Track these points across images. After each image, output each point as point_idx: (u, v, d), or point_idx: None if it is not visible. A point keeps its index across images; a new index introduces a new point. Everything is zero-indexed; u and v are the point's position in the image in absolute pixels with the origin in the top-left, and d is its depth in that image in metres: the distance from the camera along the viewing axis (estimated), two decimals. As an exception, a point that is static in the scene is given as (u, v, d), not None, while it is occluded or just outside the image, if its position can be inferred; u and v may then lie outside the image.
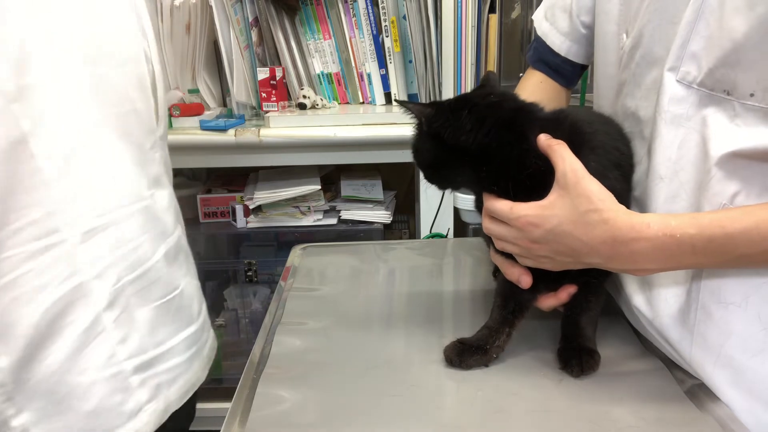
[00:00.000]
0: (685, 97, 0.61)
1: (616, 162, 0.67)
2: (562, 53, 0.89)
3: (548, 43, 0.89)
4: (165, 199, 0.83)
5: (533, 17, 0.94)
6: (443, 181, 0.72)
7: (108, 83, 0.73)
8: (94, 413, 0.70)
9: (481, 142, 0.64)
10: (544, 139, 0.64)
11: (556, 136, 0.65)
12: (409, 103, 0.67)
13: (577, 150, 0.64)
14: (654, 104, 0.64)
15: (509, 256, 0.70)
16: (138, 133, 0.78)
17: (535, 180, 0.64)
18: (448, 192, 0.76)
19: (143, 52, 0.80)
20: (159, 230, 0.80)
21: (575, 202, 0.60)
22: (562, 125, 0.67)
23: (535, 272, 0.68)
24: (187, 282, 0.87)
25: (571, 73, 0.91)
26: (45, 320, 0.65)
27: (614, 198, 0.61)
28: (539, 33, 0.91)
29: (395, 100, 0.68)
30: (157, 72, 0.84)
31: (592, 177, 0.61)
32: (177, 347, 0.81)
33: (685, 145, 0.62)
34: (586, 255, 0.62)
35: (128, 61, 0.77)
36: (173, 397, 0.79)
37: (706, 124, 0.60)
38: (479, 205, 0.71)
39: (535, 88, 0.92)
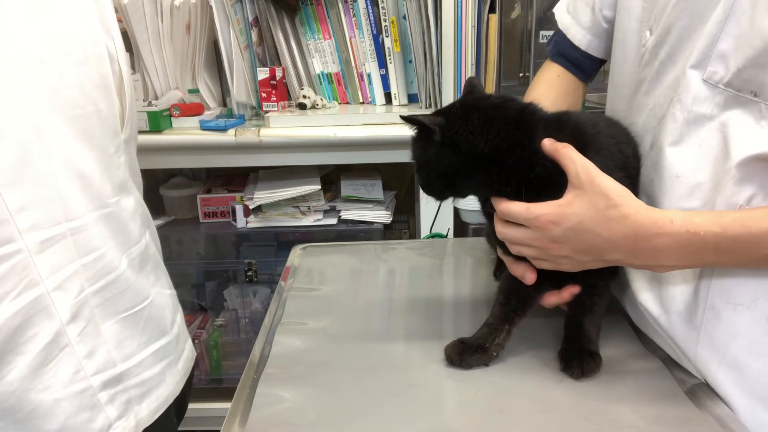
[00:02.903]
0: (709, 97, 0.61)
1: (620, 164, 0.67)
2: (583, 47, 0.88)
3: (569, 36, 0.89)
4: (131, 206, 0.79)
5: (554, 10, 0.93)
6: (452, 190, 0.70)
7: (66, 83, 0.69)
8: None
9: (493, 143, 0.64)
10: (549, 144, 0.64)
11: (559, 136, 0.65)
12: (418, 116, 0.66)
13: (582, 151, 0.64)
14: (676, 102, 0.64)
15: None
16: (101, 136, 0.73)
17: (545, 179, 0.64)
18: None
19: (106, 51, 0.76)
20: (124, 238, 0.76)
21: (593, 200, 0.60)
22: (565, 126, 0.67)
23: (541, 270, 0.68)
24: (157, 292, 0.83)
25: (590, 68, 0.91)
26: (2, 335, 0.62)
27: (632, 194, 0.61)
28: (560, 26, 0.91)
29: (401, 116, 0.67)
30: (125, 72, 0.79)
31: (605, 174, 0.61)
32: (147, 360, 0.78)
33: (706, 144, 0.62)
34: (608, 251, 0.62)
35: (88, 59, 0.72)
36: (144, 413, 0.76)
37: (730, 125, 0.59)
38: (487, 210, 0.70)
39: (552, 81, 0.92)
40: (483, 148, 0.64)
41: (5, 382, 0.63)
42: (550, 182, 0.63)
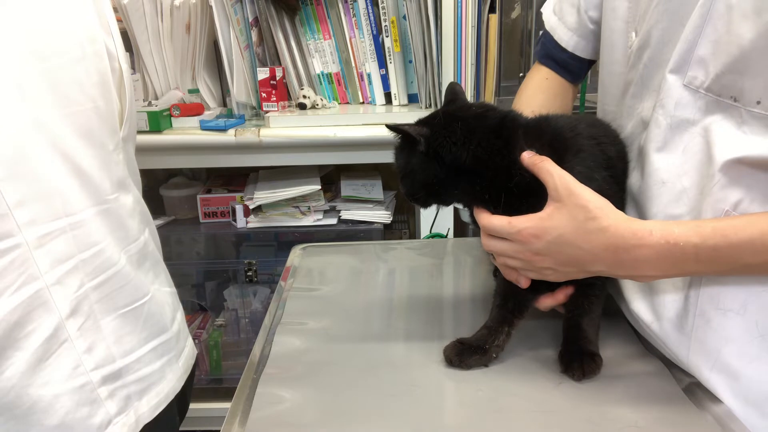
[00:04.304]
0: (691, 101, 0.61)
1: (602, 164, 0.67)
2: (569, 48, 0.88)
3: (556, 38, 0.89)
4: (129, 203, 0.80)
5: (542, 10, 0.93)
6: (436, 198, 0.71)
7: (64, 80, 0.69)
8: (60, 428, 0.66)
9: (475, 153, 0.64)
10: (527, 158, 0.64)
11: (538, 143, 0.65)
12: (403, 126, 0.66)
13: (561, 156, 0.64)
14: (658, 107, 0.64)
15: None
16: (99, 133, 0.74)
17: (525, 188, 0.64)
18: (433, 208, 0.74)
19: (105, 48, 0.76)
20: (123, 234, 0.76)
21: (573, 213, 0.60)
22: (544, 132, 0.67)
23: None
24: (156, 289, 0.83)
25: (578, 69, 0.90)
26: (1, 330, 0.62)
27: (611, 205, 0.61)
28: (547, 27, 0.90)
29: (387, 125, 0.66)
30: (124, 71, 0.80)
31: (584, 186, 0.61)
32: (146, 356, 0.78)
33: (690, 149, 0.62)
34: (589, 263, 0.62)
35: (86, 56, 0.72)
36: (144, 408, 0.77)
37: (712, 130, 0.59)
38: (475, 219, 0.71)
39: (540, 84, 0.91)
40: (465, 158, 0.65)
41: (4, 378, 0.63)
42: (531, 191, 0.63)
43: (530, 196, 0.64)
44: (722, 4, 0.56)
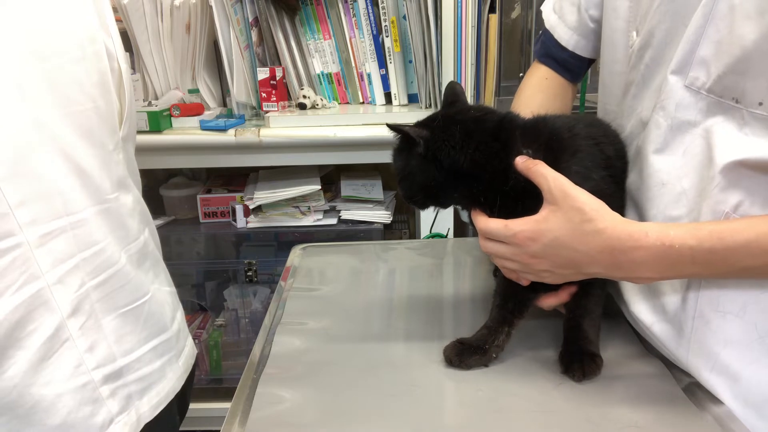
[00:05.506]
0: (692, 103, 0.60)
1: (600, 164, 0.67)
2: (570, 47, 0.87)
3: (555, 36, 0.88)
4: (129, 203, 0.80)
5: (541, 8, 0.92)
6: (434, 200, 0.71)
7: (64, 80, 0.69)
8: (62, 427, 0.66)
9: (473, 157, 0.65)
10: (521, 162, 0.64)
11: (536, 144, 0.65)
12: (404, 127, 0.66)
13: (558, 156, 0.64)
14: (659, 109, 0.64)
15: None
16: (99, 132, 0.74)
17: (522, 192, 0.64)
18: (432, 210, 0.75)
19: (104, 49, 0.76)
20: (123, 234, 0.77)
21: (568, 215, 0.60)
22: (541, 133, 0.67)
23: None
24: (156, 288, 0.83)
25: (577, 68, 0.90)
26: (2, 329, 0.62)
27: (607, 207, 0.61)
28: (547, 26, 0.90)
29: (388, 125, 0.67)
30: (124, 71, 0.80)
31: (579, 188, 0.61)
32: (147, 356, 0.78)
33: (690, 151, 0.61)
34: (586, 265, 0.62)
35: (86, 56, 0.73)
36: (145, 408, 0.77)
37: (714, 131, 0.59)
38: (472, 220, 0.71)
39: (540, 84, 0.91)
40: (463, 162, 0.65)
41: (6, 377, 0.63)
42: (528, 193, 0.63)
43: (527, 198, 0.64)
44: (725, 5, 0.56)
